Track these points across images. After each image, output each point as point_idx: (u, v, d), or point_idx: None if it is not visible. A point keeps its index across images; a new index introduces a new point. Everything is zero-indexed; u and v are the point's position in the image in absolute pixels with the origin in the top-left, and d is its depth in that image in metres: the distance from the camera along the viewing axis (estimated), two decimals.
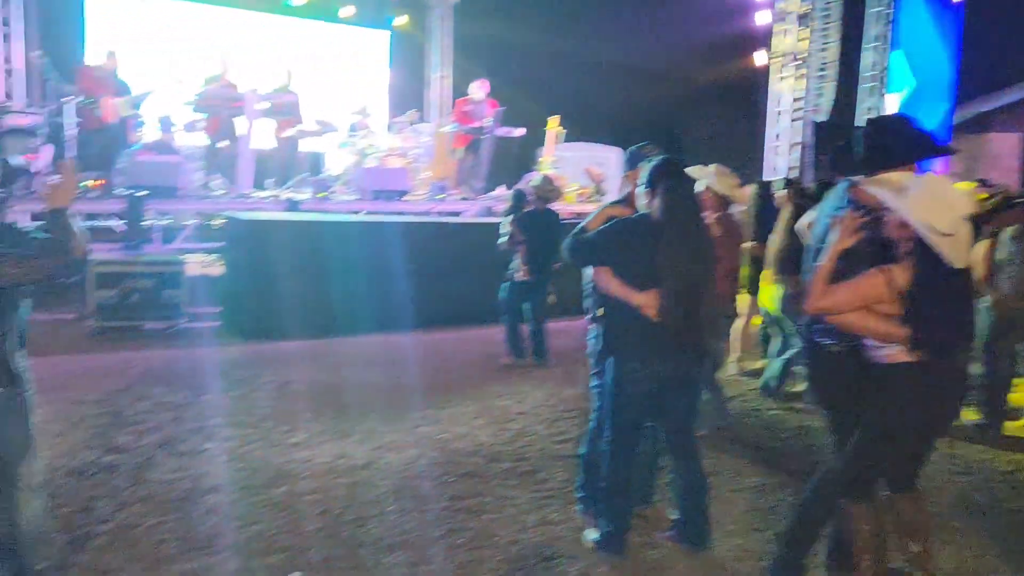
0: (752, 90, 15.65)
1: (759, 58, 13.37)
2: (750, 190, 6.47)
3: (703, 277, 3.39)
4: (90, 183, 8.42)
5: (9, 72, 11.39)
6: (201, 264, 9.67)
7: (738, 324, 6.63)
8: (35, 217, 8.52)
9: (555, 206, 7.33)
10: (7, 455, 2.88)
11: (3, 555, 2.87)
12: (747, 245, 6.44)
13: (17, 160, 8.78)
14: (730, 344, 6.75)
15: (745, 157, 13.56)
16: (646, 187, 3.40)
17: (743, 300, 6.36)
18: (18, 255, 2.73)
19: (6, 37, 11.38)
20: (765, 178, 11.84)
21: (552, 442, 5.02)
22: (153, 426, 5.05)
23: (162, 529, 3.65)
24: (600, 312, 3.60)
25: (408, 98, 14.99)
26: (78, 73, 9.69)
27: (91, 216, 8.64)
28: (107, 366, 6.39)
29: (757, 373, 6.48)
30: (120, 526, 3.67)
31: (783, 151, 13.11)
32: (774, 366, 6.01)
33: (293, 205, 9.27)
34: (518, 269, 6.74)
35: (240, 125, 10.51)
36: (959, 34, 13.02)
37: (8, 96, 11.20)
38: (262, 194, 10.41)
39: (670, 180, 3.36)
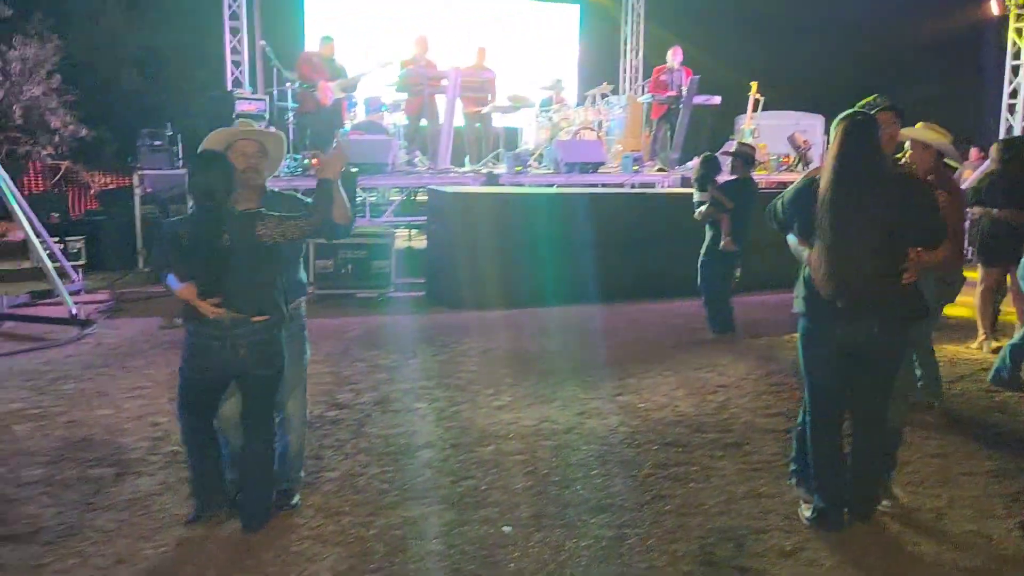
0: (979, 44, 14.19)
1: (992, 7, 12.03)
2: (976, 151, 5.88)
3: (877, 238, 3.10)
4: (309, 162, 9.07)
5: (237, 63, 12.50)
6: (406, 237, 10.19)
7: (976, 296, 6.09)
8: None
9: (755, 176, 7.05)
10: (281, 388, 3.39)
11: (262, 475, 3.34)
12: (989, 211, 5.90)
13: None
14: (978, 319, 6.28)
15: (970, 119, 12.35)
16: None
17: (974, 274, 5.83)
18: (280, 217, 3.18)
19: (235, 30, 12.48)
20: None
21: (758, 415, 4.85)
22: (369, 385, 5.40)
23: (383, 478, 3.90)
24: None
25: (600, 70, 14.92)
26: (298, 60, 10.44)
27: (309, 192, 9.32)
28: (326, 330, 6.89)
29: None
30: (346, 474, 3.95)
31: (1020, 109, 11.76)
32: (1003, 352, 5.44)
33: (492, 179, 9.53)
34: (722, 240, 6.51)
35: (440, 103, 10.92)
36: None
37: (236, 83, 12.30)
38: (462, 169, 10.77)
39: (842, 135, 3.16)
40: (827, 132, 3.42)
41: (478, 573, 3.04)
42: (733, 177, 6.80)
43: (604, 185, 10.61)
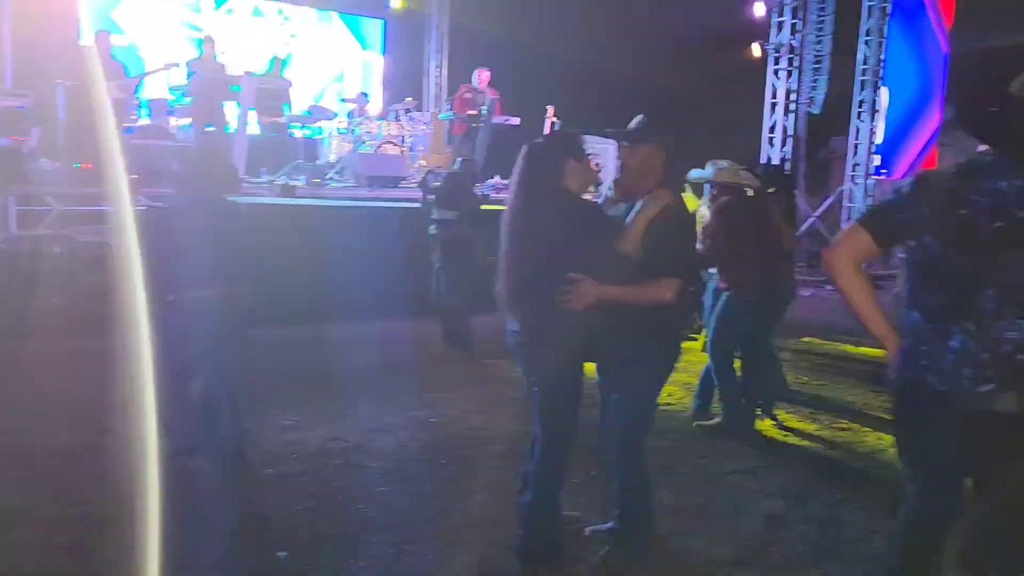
0: (752, 82, 15.55)
1: (756, 51, 13.33)
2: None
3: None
4: (80, 166, 8.34)
5: None
6: None
7: None
8: (20, 200, 8.44)
9: None
10: None
11: None
12: None
13: (4, 141, 8.70)
14: None
15: (747, 148, 13.48)
16: None
17: None
18: None
19: None
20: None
21: None
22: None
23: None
24: None
25: (405, 85, 14.92)
26: (70, 54, 9.58)
27: (82, 200, 8.55)
28: (93, 351, 6.34)
29: None
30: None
31: (778, 143, 13.08)
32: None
33: (288, 191, 9.20)
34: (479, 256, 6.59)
35: (229, 110, 10.43)
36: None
37: None
38: (256, 180, 10.34)
39: None
40: (619, 157, 3.37)
41: None
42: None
43: (405, 200, 10.58)
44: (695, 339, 6.45)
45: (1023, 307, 2.04)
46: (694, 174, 5.28)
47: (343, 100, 13.37)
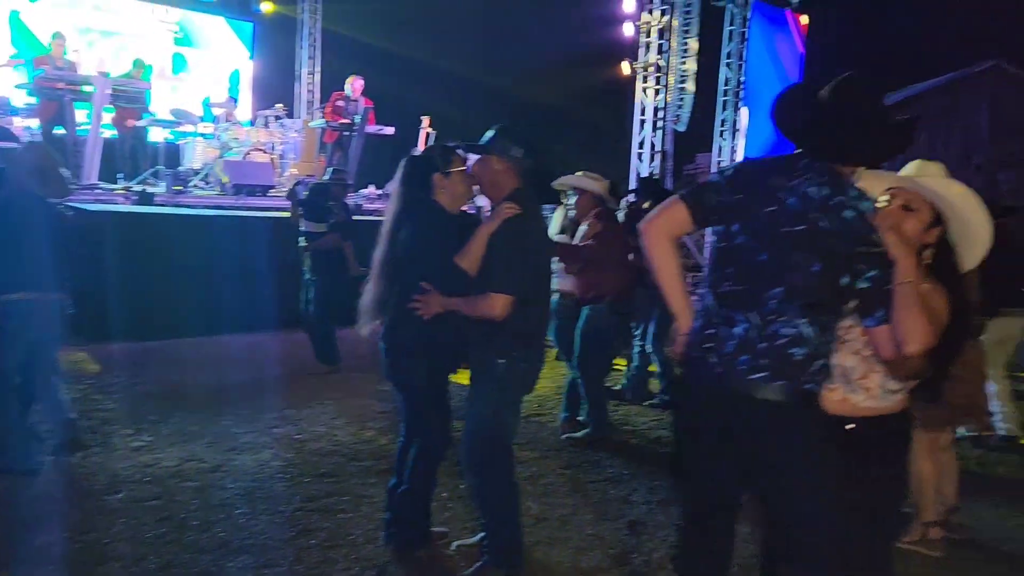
0: (623, 98, 16.07)
1: (625, 68, 13.73)
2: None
3: None
4: None
5: None
6: None
7: None
8: None
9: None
10: None
11: None
12: None
13: None
14: None
15: (618, 162, 13.86)
16: None
17: None
18: None
19: None
20: (631, 185, 12.17)
21: None
22: None
23: None
24: None
25: (275, 91, 14.51)
26: None
27: None
28: None
29: None
30: None
31: (646, 159, 13.53)
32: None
33: (146, 198, 8.73)
34: (351, 267, 6.38)
35: (80, 111, 9.82)
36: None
37: None
38: (110, 186, 9.76)
39: None
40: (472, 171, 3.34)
41: None
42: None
43: (274, 209, 10.26)
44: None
45: (803, 308, 2.14)
46: (562, 180, 5.36)
47: (209, 104, 12.85)
